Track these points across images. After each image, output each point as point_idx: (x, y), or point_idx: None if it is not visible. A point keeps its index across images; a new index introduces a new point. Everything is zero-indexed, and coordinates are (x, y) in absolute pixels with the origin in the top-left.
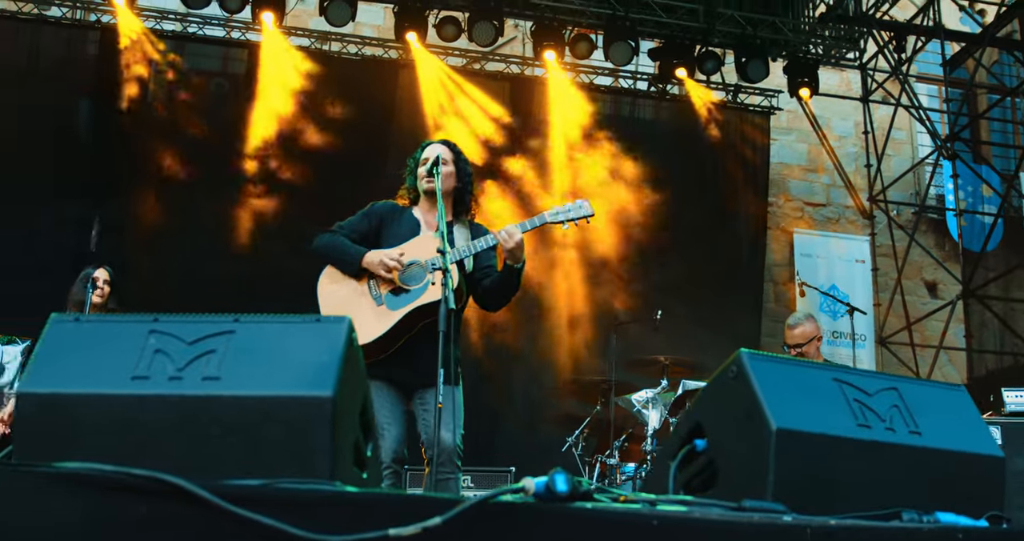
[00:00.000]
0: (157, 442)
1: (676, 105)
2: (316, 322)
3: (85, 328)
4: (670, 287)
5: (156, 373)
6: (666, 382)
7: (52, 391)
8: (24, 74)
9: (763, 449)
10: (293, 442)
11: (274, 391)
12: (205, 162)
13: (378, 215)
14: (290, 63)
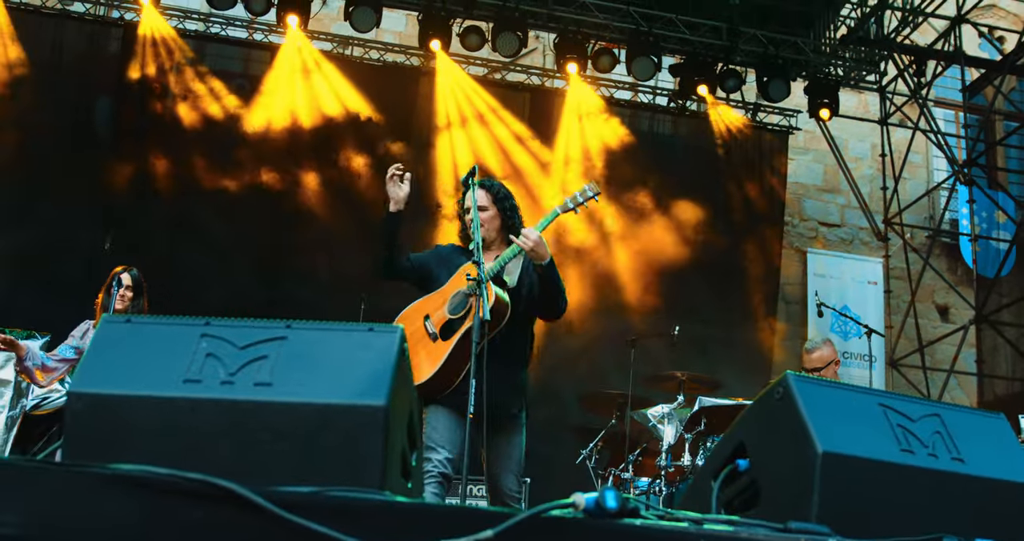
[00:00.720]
0: (207, 446)
1: (695, 122)
2: (369, 330)
3: (137, 329)
4: (687, 303)
5: (208, 377)
6: (682, 398)
7: (103, 392)
8: (46, 68)
9: (808, 471)
10: (344, 450)
11: (327, 399)
12: (222, 162)
13: (440, 255)
14: (312, 66)
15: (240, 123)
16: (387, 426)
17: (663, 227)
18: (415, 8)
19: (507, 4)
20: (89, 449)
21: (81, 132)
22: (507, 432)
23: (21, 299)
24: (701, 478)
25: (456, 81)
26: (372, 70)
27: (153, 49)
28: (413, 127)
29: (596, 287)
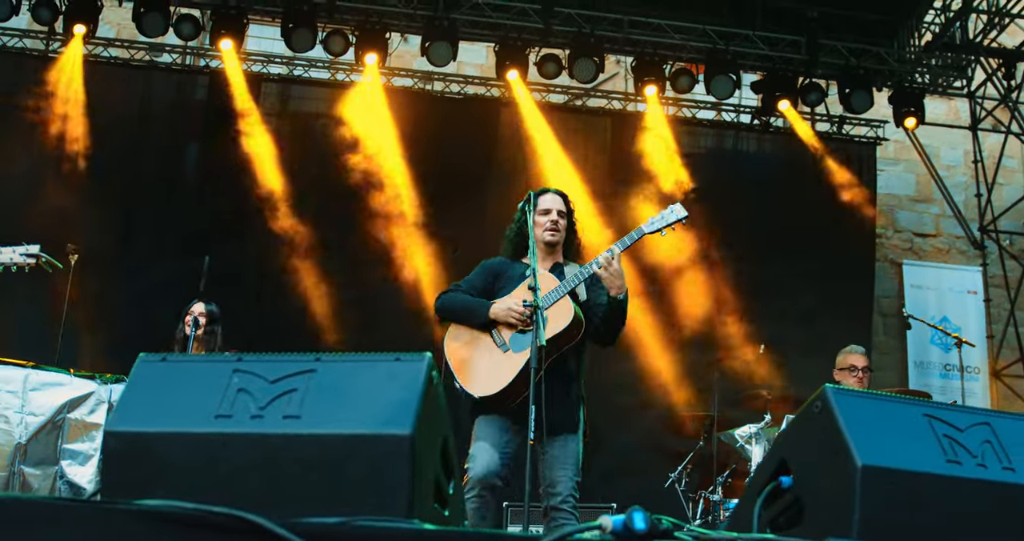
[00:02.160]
0: (239, 480)
1: (780, 138)
2: (396, 360)
3: (172, 368)
4: (775, 320)
5: (239, 412)
6: (769, 417)
7: (137, 430)
8: (136, 119)
9: (848, 486)
10: (372, 480)
11: (353, 429)
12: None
13: (493, 271)
14: (394, 103)
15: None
16: (414, 454)
17: (751, 245)
18: (492, 39)
19: (583, 30)
20: (126, 486)
21: (172, 179)
22: (563, 439)
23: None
24: (746, 498)
25: (537, 109)
26: (453, 103)
27: (238, 95)
28: (495, 158)
29: (679, 307)
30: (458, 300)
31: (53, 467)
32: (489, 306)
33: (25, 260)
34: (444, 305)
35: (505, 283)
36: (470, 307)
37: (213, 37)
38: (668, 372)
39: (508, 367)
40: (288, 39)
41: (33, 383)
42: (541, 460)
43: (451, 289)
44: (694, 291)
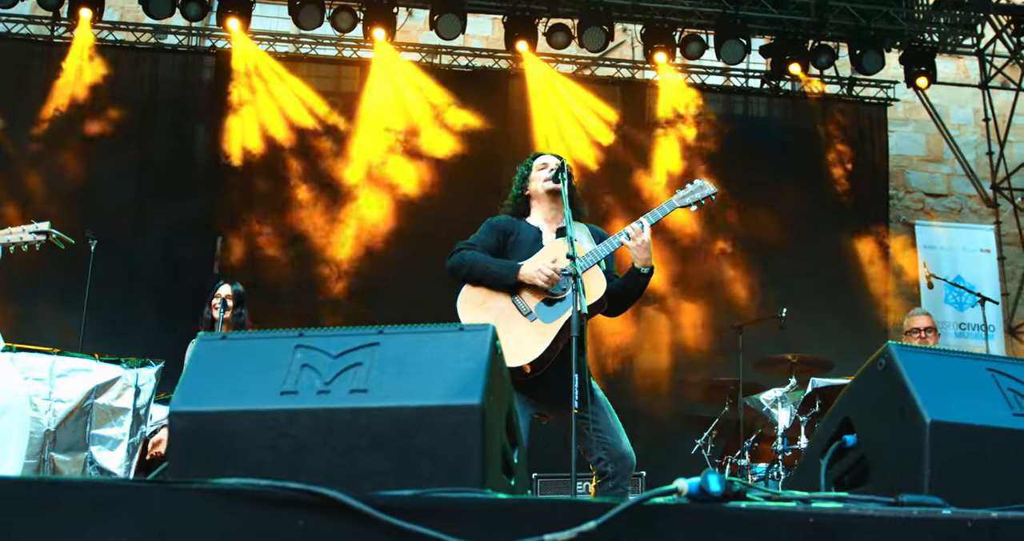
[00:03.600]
0: (308, 455)
1: (790, 101)
2: (460, 330)
3: (232, 345)
4: (794, 284)
5: (304, 387)
6: (795, 380)
7: (203, 409)
8: (144, 102)
9: (917, 442)
10: (443, 451)
11: (422, 401)
12: (323, 180)
13: (501, 229)
14: (402, 78)
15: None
16: (484, 424)
17: (765, 210)
18: (500, 11)
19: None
20: (193, 466)
21: (183, 159)
22: (601, 406)
23: (134, 327)
24: (809, 457)
25: (546, 80)
26: (462, 76)
27: (246, 74)
28: (508, 129)
29: (699, 275)
30: (480, 259)
31: (83, 453)
32: (518, 267)
33: (35, 238)
34: (464, 263)
35: (516, 243)
36: (496, 267)
37: (220, 17)
38: (690, 339)
39: (538, 337)
40: (295, 17)
41: (59, 370)
42: (588, 430)
43: (463, 247)
44: (711, 258)
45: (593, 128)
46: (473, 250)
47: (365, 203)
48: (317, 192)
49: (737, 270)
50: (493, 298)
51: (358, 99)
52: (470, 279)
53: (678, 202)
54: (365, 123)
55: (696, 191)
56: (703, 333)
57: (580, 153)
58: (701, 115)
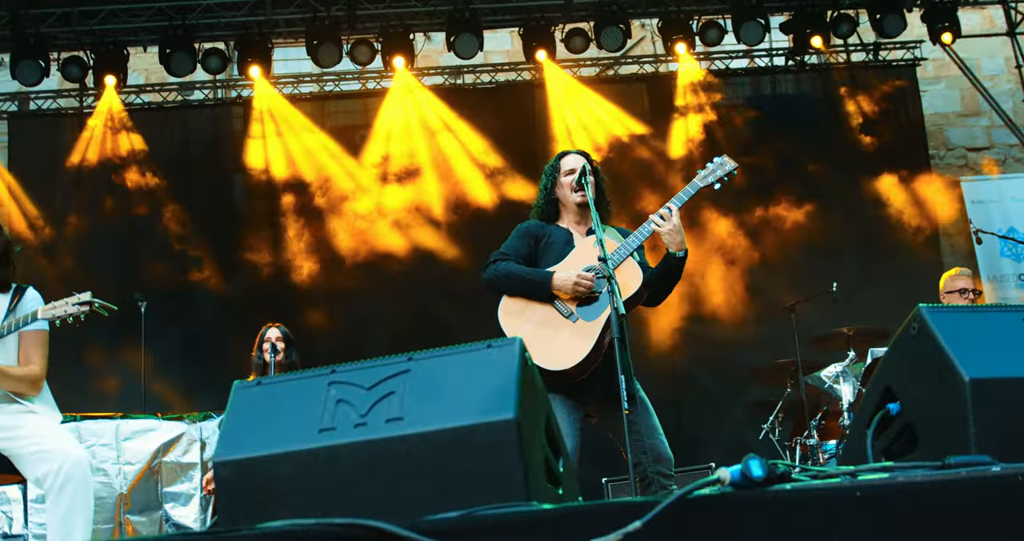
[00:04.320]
0: (353, 489)
1: (817, 75)
2: (488, 348)
3: (268, 390)
4: (842, 256)
5: (341, 423)
6: (853, 353)
7: (245, 456)
8: (177, 159)
9: (959, 402)
10: (484, 469)
11: (457, 422)
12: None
13: (532, 235)
14: (427, 101)
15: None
16: (521, 438)
17: (805, 185)
18: (515, 23)
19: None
20: (243, 512)
21: (221, 210)
22: (643, 406)
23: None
24: (855, 430)
25: (570, 85)
26: (488, 93)
27: (271, 120)
28: (537, 139)
29: (743, 260)
30: (514, 270)
31: (157, 512)
32: (550, 277)
33: (79, 309)
34: (499, 276)
35: (547, 247)
36: (530, 278)
37: (241, 66)
38: (744, 324)
39: (583, 338)
40: (315, 56)
41: (124, 433)
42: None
43: (498, 258)
44: (755, 238)
45: (622, 127)
46: (507, 260)
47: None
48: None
49: (783, 249)
50: (532, 306)
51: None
52: (505, 291)
53: (701, 182)
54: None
55: (717, 168)
56: (754, 316)
57: (612, 153)
58: (730, 100)
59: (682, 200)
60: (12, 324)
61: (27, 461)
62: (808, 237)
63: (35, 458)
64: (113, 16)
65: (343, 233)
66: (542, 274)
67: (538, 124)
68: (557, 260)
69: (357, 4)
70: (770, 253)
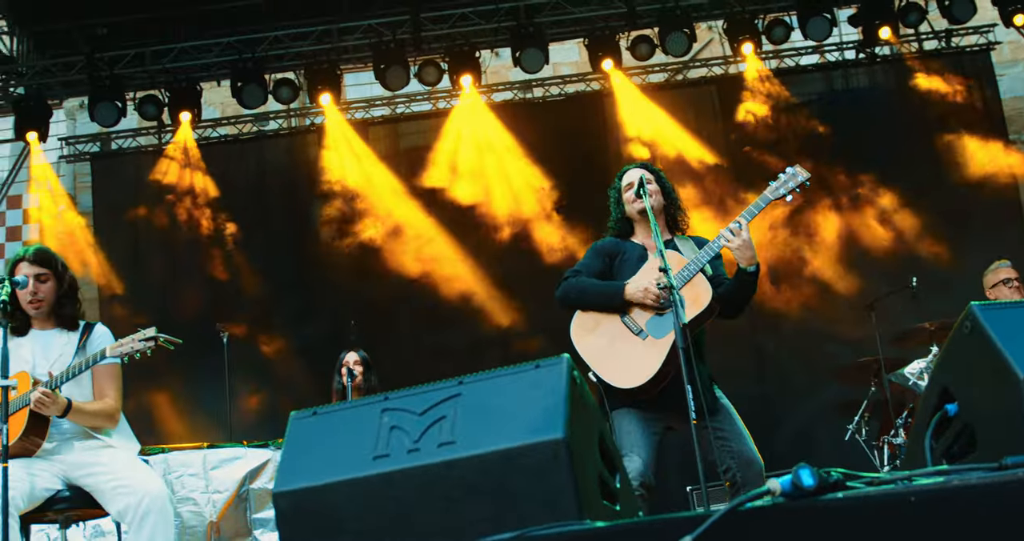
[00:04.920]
0: (409, 514)
1: (889, 66)
2: (536, 368)
3: (323, 420)
4: (922, 250)
5: (395, 449)
6: (936, 348)
7: (303, 485)
8: (258, 189)
9: (1015, 402)
10: (536, 489)
11: (507, 444)
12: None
13: (606, 251)
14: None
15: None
16: (571, 456)
17: (882, 180)
18: (579, 35)
19: (667, 5)
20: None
21: (301, 239)
22: (725, 414)
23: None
24: (914, 433)
25: (639, 93)
26: (557, 106)
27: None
28: (610, 150)
29: (823, 257)
30: (587, 284)
31: (247, 538)
32: (623, 287)
33: (145, 345)
34: (571, 290)
35: (621, 263)
36: (602, 291)
37: (311, 95)
38: (824, 324)
39: (652, 354)
40: (383, 80)
41: (212, 462)
42: (711, 440)
43: (571, 275)
44: (834, 237)
45: (694, 132)
46: (579, 276)
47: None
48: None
49: (861, 246)
50: (604, 322)
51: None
52: (579, 305)
53: (772, 195)
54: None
55: (789, 180)
56: (833, 315)
57: (688, 158)
58: (802, 97)
59: (752, 214)
60: (83, 363)
61: (107, 496)
62: (888, 230)
63: (115, 493)
64: (184, 53)
65: (419, 257)
66: (614, 285)
67: (609, 134)
68: (631, 276)
69: (421, 26)
70: (849, 248)
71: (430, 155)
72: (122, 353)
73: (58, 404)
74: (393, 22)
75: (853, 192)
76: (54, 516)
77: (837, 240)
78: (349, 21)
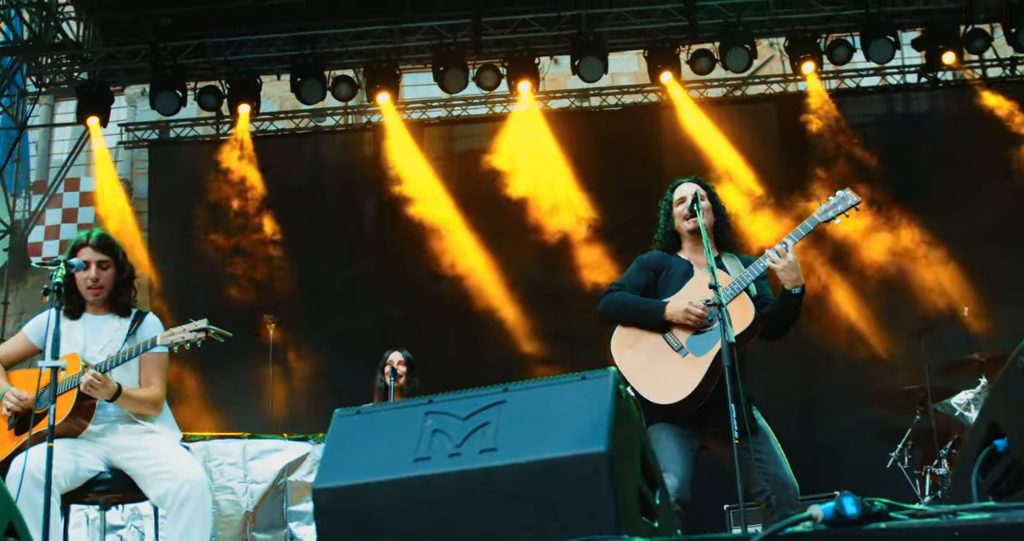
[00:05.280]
0: (447, 518)
1: (951, 91)
2: (582, 379)
3: (367, 419)
4: (975, 280)
5: (436, 452)
6: (985, 380)
7: (343, 484)
8: (310, 185)
9: None
10: (576, 501)
11: (550, 454)
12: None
13: (652, 267)
14: (553, 124)
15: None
16: (613, 470)
17: (939, 207)
18: (639, 46)
19: (729, 20)
20: (340, 538)
21: (353, 237)
22: (764, 435)
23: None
24: (961, 467)
25: (696, 107)
26: (613, 115)
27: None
28: (664, 162)
29: (874, 282)
30: (628, 300)
31: (282, 530)
32: (664, 306)
33: (196, 336)
34: (612, 305)
35: (667, 278)
36: (643, 307)
37: (370, 93)
38: (872, 349)
39: (692, 371)
40: (441, 82)
41: (251, 452)
42: (748, 460)
43: (614, 289)
44: (887, 262)
45: (750, 148)
46: (622, 291)
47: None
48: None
49: (914, 273)
50: (644, 337)
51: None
52: (619, 320)
53: (820, 217)
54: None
55: (839, 203)
56: (883, 341)
57: (741, 175)
58: (860, 118)
59: (799, 235)
60: (134, 349)
61: (148, 480)
62: (940, 257)
63: (156, 478)
64: (246, 46)
65: (472, 255)
66: (655, 303)
67: (664, 146)
68: (676, 292)
69: (482, 29)
70: (899, 273)
71: (485, 158)
72: (172, 342)
73: (108, 388)
74: (454, 25)
75: (909, 216)
76: (95, 497)
77: (890, 264)
78: (410, 21)
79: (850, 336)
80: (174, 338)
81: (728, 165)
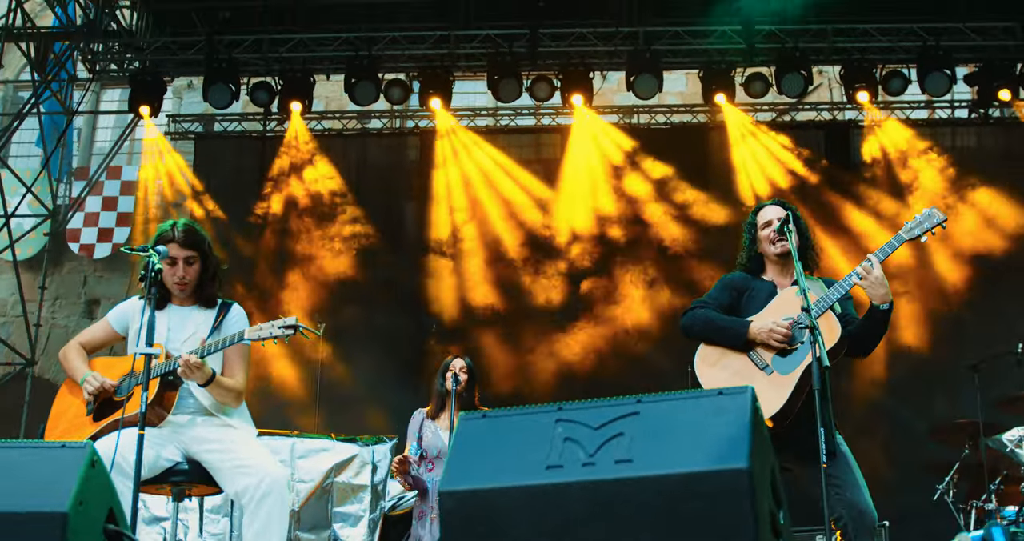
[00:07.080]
0: (577, 529)
1: (1002, 129)
2: (719, 395)
3: (493, 423)
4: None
5: (569, 461)
6: None
7: (472, 487)
8: (354, 186)
9: None
10: (711, 517)
11: (688, 468)
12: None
13: (735, 286)
14: (604, 140)
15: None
16: (752, 487)
17: (988, 242)
18: (694, 66)
19: (786, 45)
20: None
21: (394, 239)
22: (845, 460)
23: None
24: None
25: (747, 129)
26: (662, 133)
27: (452, 151)
28: (709, 182)
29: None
30: (712, 316)
31: (326, 530)
32: (748, 324)
33: (284, 333)
34: (695, 322)
35: (749, 299)
36: (727, 325)
37: (422, 98)
38: (924, 382)
39: (778, 390)
40: (495, 91)
41: (299, 451)
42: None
43: (697, 306)
44: (937, 295)
45: (799, 173)
46: (707, 308)
47: None
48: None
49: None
50: (728, 355)
51: (561, 165)
52: (702, 338)
53: (907, 235)
54: (571, 187)
55: (925, 221)
56: (936, 375)
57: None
58: (909, 150)
59: (886, 253)
60: (220, 342)
61: (226, 474)
62: (993, 291)
63: (235, 472)
64: (302, 45)
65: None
66: (739, 322)
67: (712, 166)
68: (759, 311)
69: (539, 41)
70: (951, 307)
71: (537, 167)
72: (259, 337)
73: (204, 372)
74: (511, 34)
75: (949, 254)
76: (169, 488)
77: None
78: (467, 29)
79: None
80: (261, 333)
81: (775, 187)
